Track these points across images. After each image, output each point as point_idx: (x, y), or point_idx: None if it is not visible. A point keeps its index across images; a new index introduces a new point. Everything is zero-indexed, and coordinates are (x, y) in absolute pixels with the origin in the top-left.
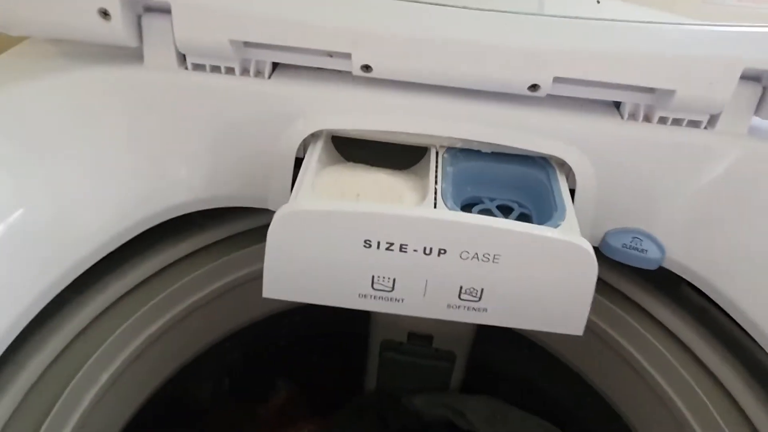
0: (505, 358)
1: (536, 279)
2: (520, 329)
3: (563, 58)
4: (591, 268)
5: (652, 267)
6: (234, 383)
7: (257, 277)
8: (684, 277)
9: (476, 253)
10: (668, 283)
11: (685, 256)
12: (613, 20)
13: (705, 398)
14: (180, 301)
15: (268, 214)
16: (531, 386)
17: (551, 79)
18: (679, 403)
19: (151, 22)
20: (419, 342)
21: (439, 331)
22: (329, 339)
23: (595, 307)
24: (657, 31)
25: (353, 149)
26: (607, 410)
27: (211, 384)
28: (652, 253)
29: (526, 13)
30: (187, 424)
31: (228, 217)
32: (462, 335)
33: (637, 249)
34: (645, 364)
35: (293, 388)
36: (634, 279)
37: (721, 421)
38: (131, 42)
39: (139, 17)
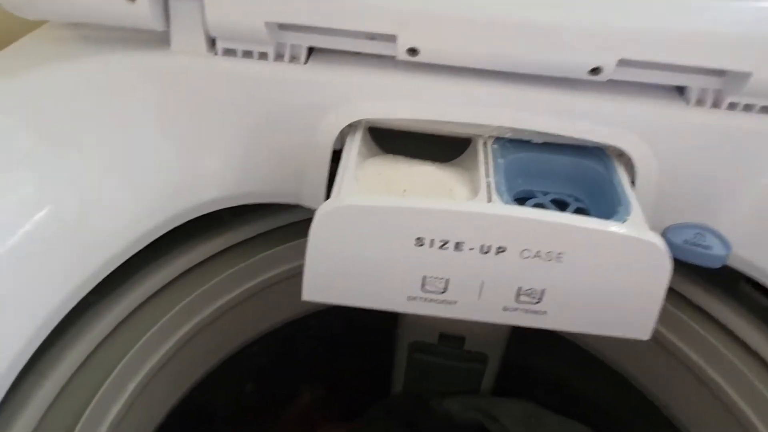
0: (539, 359)
1: (602, 279)
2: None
3: (630, 38)
4: (664, 267)
5: (716, 265)
6: (258, 387)
7: (287, 277)
8: (750, 275)
9: (538, 251)
10: (726, 281)
11: (752, 253)
12: None
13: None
14: (208, 304)
15: (298, 211)
16: (568, 388)
17: (616, 61)
18: (743, 406)
19: (179, 3)
20: (451, 343)
21: (472, 332)
22: (355, 341)
23: None
24: (732, 8)
25: (386, 143)
26: (653, 414)
27: (234, 389)
28: (717, 249)
29: None
30: (209, 430)
31: (256, 215)
32: (496, 336)
33: (700, 245)
34: (703, 365)
35: (317, 391)
36: (689, 276)
37: None
38: (158, 25)
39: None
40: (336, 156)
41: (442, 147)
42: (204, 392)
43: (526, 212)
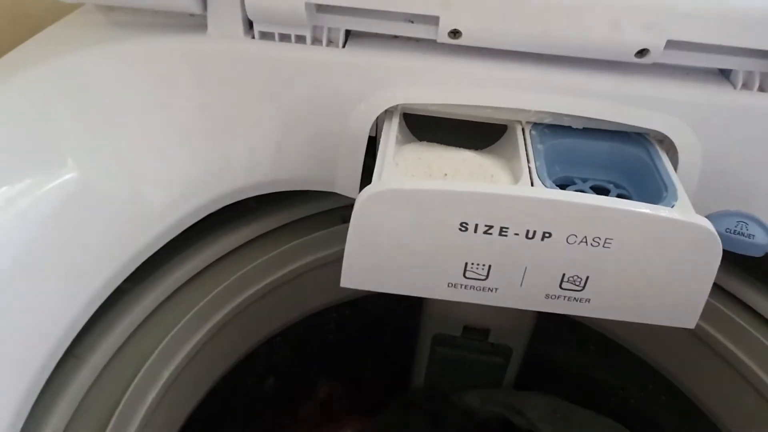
0: (563, 352)
1: (650, 265)
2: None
3: (679, 19)
4: (715, 253)
5: (760, 254)
6: (277, 381)
7: (314, 267)
8: None
9: (585, 237)
10: (761, 270)
11: None
12: None
13: None
14: (238, 294)
15: (326, 199)
16: (593, 382)
17: (664, 42)
18: None
19: None
20: (475, 336)
21: (497, 323)
22: (376, 334)
23: None
24: None
25: (418, 132)
26: (687, 408)
27: (254, 383)
28: (760, 238)
29: None
30: (230, 424)
31: (284, 203)
32: (521, 328)
33: (742, 234)
34: (740, 354)
35: (336, 385)
36: (723, 265)
37: None
38: (195, 8)
39: None
40: (370, 143)
41: (475, 135)
42: (224, 387)
43: (573, 196)
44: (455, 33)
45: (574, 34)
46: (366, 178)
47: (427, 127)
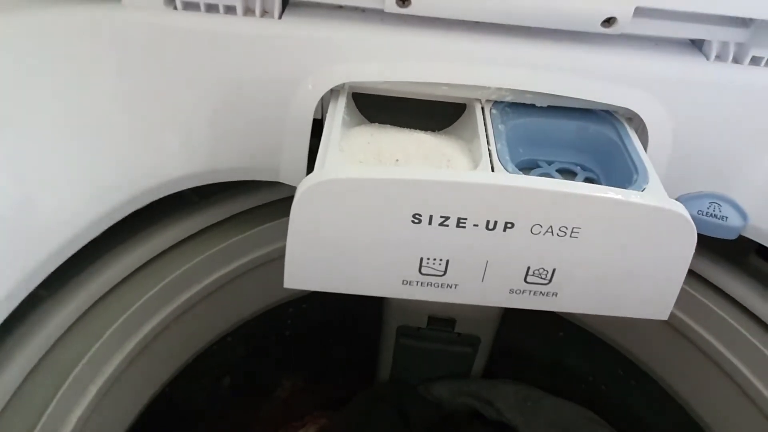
0: (533, 340)
1: (621, 255)
2: None
3: None
4: (689, 240)
5: (733, 236)
6: (236, 380)
7: (264, 262)
8: None
9: (550, 227)
10: (734, 252)
11: None
12: None
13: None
14: (177, 295)
15: (277, 188)
16: (563, 369)
17: (632, 10)
18: (753, 379)
19: None
20: (440, 327)
21: (463, 313)
22: (338, 327)
23: None
24: None
25: (370, 112)
26: (655, 392)
27: (211, 383)
28: (733, 220)
29: None
30: (186, 427)
31: (228, 193)
32: (488, 317)
33: (715, 216)
34: (709, 338)
35: (298, 381)
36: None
37: None
38: None
39: None
40: (317, 126)
41: (433, 116)
42: (178, 389)
43: (537, 182)
44: (404, 1)
45: (536, 1)
46: (313, 165)
47: (380, 108)
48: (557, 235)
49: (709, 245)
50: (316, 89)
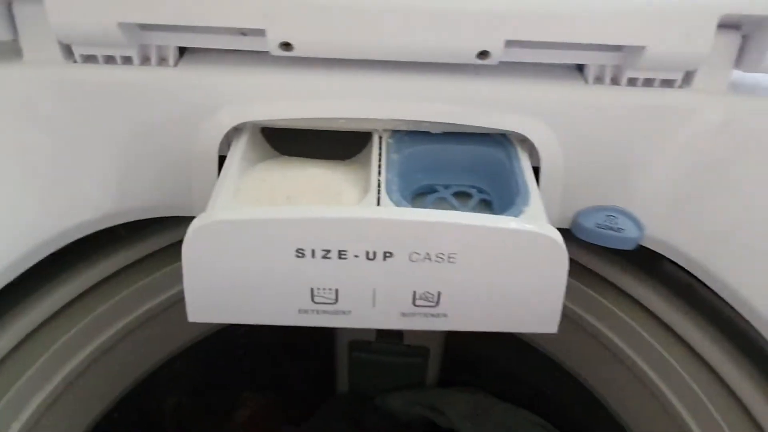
0: (484, 349)
1: (499, 277)
2: None
3: (514, 18)
4: (561, 260)
5: (630, 247)
6: (196, 401)
7: None
8: (666, 255)
9: (427, 254)
10: (651, 261)
11: (666, 233)
12: None
13: (689, 378)
14: (103, 330)
15: None
16: (513, 377)
17: (502, 43)
18: (663, 387)
19: (23, 8)
20: (389, 339)
21: None
22: (293, 343)
23: (570, 291)
24: None
25: (291, 140)
26: (590, 398)
27: (169, 405)
28: (630, 231)
29: None
30: None
31: (157, 227)
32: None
33: (612, 228)
34: (625, 348)
35: (260, 398)
36: (612, 258)
37: (705, 399)
38: (2, 34)
39: (9, 4)
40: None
41: (347, 143)
42: (136, 412)
43: (410, 213)
44: (286, 45)
45: (410, 40)
46: None
47: (296, 138)
48: (435, 261)
49: (624, 253)
50: (215, 130)
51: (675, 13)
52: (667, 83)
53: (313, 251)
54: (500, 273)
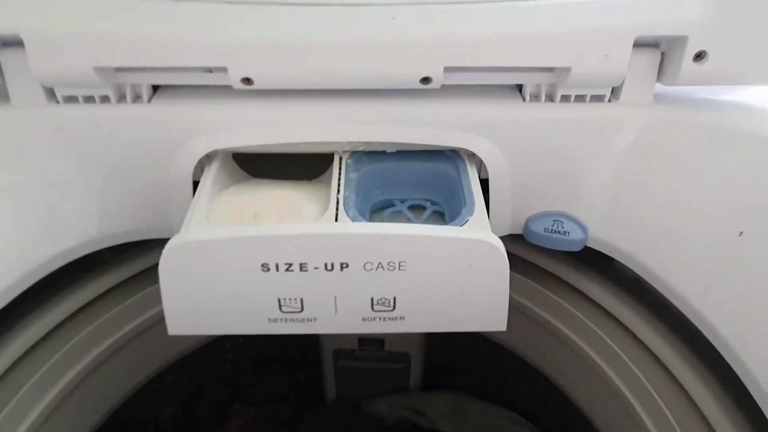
0: (463, 352)
1: (448, 281)
2: None
3: (449, 47)
4: (501, 264)
5: (576, 248)
6: (188, 413)
7: None
8: (609, 254)
9: (380, 263)
10: (605, 259)
11: (607, 234)
12: (493, 1)
13: (639, 372)
14: (88, 350)
15: None
16: (492, 378)
17: (442, 69)
18: (618, 381)
19: (8, 56)
20: (371, 347)
21: (389, 334)
22: (281, 355)
23: (527, 291)
24: (541, 8)
25: (263, 163)
26: (559, 393)
27: (163, 416)
28: (575, 234)
29: (404, 4)
30: None
31: (138, 251)
32: (412, 335)
33: (558, 232)
34: (582, 344)
35: (251, 409)
36: (566, 259)
37: (648, 384)
38: None
39: None
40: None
41: (314, 164)
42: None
43: (360, 228)
44: (247, 80)
45: (359, 70)
46: None
47: (268, 161)
48: (387, 269)
49: (577, 255)
50: (188, 158)
51: (594, 36)
52: (597, 98)
53: (277, 265)
54: (447, 278)
